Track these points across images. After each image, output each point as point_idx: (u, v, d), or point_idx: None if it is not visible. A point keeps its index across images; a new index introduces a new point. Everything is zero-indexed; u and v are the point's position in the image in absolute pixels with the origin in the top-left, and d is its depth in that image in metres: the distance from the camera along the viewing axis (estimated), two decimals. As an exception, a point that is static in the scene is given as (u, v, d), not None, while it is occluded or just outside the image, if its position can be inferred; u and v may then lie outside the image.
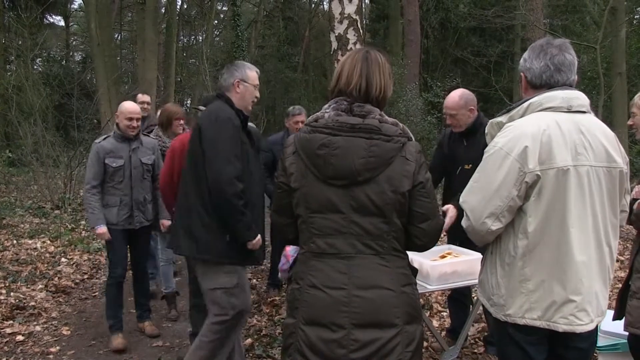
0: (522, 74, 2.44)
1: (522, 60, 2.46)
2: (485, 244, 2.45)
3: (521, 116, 2.33)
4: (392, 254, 2.18)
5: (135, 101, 5.37)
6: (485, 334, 4.44)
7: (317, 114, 2.23)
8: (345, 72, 2.24)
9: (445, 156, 4.22)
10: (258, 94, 3.47)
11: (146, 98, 6.36)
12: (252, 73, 3.42)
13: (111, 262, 4.69)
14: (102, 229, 4.49)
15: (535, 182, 2.19)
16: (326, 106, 2.25)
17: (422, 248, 2.29)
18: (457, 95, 3.98)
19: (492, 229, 2.27)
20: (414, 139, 2.23)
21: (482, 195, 2.27)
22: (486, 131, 2.48)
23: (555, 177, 2.20)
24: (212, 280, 3.30)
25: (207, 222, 3.20)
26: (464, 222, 2.38)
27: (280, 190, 2.27)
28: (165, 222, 4.78)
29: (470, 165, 3.65)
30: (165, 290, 5.49)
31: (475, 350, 4.38)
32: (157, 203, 4.79)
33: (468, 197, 2.34)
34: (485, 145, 2.38)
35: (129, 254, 4.86)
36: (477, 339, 4.52)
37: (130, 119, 4.59)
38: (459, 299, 4.31)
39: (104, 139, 4.64)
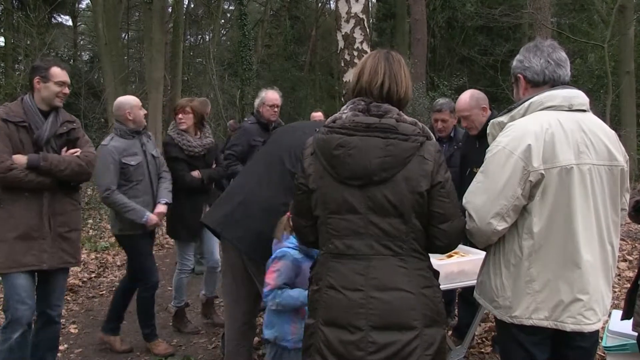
0: (519, 75, 2.44)
1: (516, 62, 2.46)
2: (486, 246, 2.44)
3: (522, 116, 2.34)
4: (411, 255, 2.16)
5: None
6: (493, 333, 4.43)
7: (336, 115, 2.23)
8: (367, 69, 2.23)
9: (461, 158, 4.25)
10: None
11: None
12: None
13: (145, 271, 4.33)
14: (151, 215, 4.23)
15: (539, 181, 2.19)
16: (344, 107, 2.24)
17: (443, 249, 2.29)
18: (467, 96, 3.98)
19: (497, 229, 2.25)
20: (434, 138, 2.22)
21: (486, 196, 2.26)
22: (488, 131, 2.48)
23: (559, 176, 2.20)
24: None
25: None
26: (467, 226, 2.35)
27: (300, 192, 2.28)
28: (160, 208, 4.39)
29: None
30: (179, 305, 5.01)
31: (483, 350, 4.36)
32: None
33: (472, 197, 2.33)
34: None
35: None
36: (484, 339, 4.51)
37: (140, 107, 4.38)
38: (469, 298, 4.30)
39: (111, 139, 4.26)
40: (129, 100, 4.38)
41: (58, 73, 3.52)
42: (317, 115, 7.64)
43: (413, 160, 2.10)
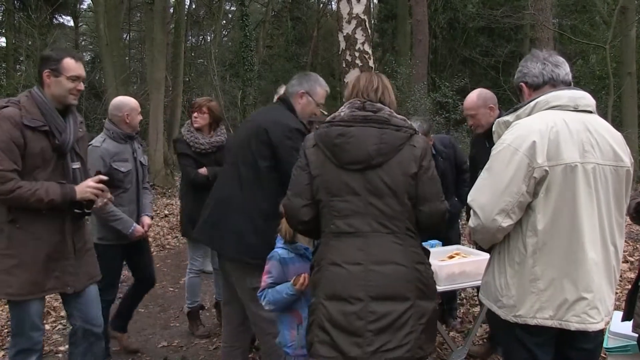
0: (521, 84, 2.49)
1: (517, 75, 2.53)
2: (491, 246, 2.45)
3: (528, 115, 2.37)
4: (405, 234, 2.37)
5: None
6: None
7: (335, 113, 2.49)
8: (364, 78, 2.56)
9: (471, 159, 4.24)
10: (318, 112, 3.40)
11: None
12: (321, 90, 3.35)
13: (106, 284, 3.76)
14: (138, 227, 4.08)
15: (543, 177, 2.21)
16: (342, 107, 2.49)
17: (425, 228, 2.48)
18: (475, 95, 4.01)
19: (502, 226, 2.27)
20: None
21: (491, 192, 2.29)
22: (493, 130, 2.51)
23: (563, 173, 2.21)
24: (255, 279, 3.11)
25: (260, 227, 3.08)
26: (471, 222, 2.38)
27: (304, 172, 2.43)
28: (147, 220, 4.26)
29: None
30: (191, 306, 4.92)
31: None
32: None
33: (477, 195, 2.36)
34: None
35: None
36: (485, 339, 4.51)
37: (139, 112, 4.21)
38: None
39: (103, 140, 4.00)
40: (129, 102, 4.20)
41: (72, 66, 3.01)
42: None
43: (405, 148, 2.36)
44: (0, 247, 2.92)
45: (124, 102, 4.20)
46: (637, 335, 2.90)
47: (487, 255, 3.45)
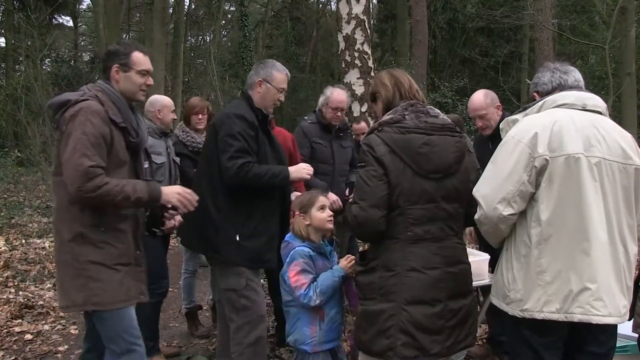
0: (534, 93, 2.57)
1: (531, 86, 2.64)
2: (500, 243, 2.46)
3: (536, 113, 2.42)
4: (461, 233, 2.60)
5: None
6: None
7: (394, 116, 2.49)
8: (405, 80, 2.65)
9: None
10: (282, 98, 3.40)
11: None
12: (278, 75, 3.34)
13: (156, 275, 3.86)
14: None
15: (544, 167, 2.23)
16: (399, 109, 2.52)
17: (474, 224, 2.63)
18: (482, 95, 3.95)
19: (503, 214, 2.29)
20: None
21: (494, 182, 2.33)
22: (501, 127, 2.58)
23: (566, 163, 2.22)
24: (224, 281, 3.26)
25: (215, 220, 3.17)
26: (476, 215, 2.43)
27: (381, 182, 2.41)
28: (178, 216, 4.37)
29: None
30: (188, 306, 4.92)
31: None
32: None
33: (480, 186, 2.41)
34: None
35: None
36: (484, 340, 4.50)
37: (174, 111, 4.30)
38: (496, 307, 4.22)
39: None
40: (161, 99, 4.32)
41: (141, 59, 2.83)
42: (360, 127, 5.56)
43: (466, 154, 2.53)
44: (83, 254, 2.64)
45: (157, 98, 4.34)
46: (637, 335, 2.90)
47: (487, 256, 3.47)
